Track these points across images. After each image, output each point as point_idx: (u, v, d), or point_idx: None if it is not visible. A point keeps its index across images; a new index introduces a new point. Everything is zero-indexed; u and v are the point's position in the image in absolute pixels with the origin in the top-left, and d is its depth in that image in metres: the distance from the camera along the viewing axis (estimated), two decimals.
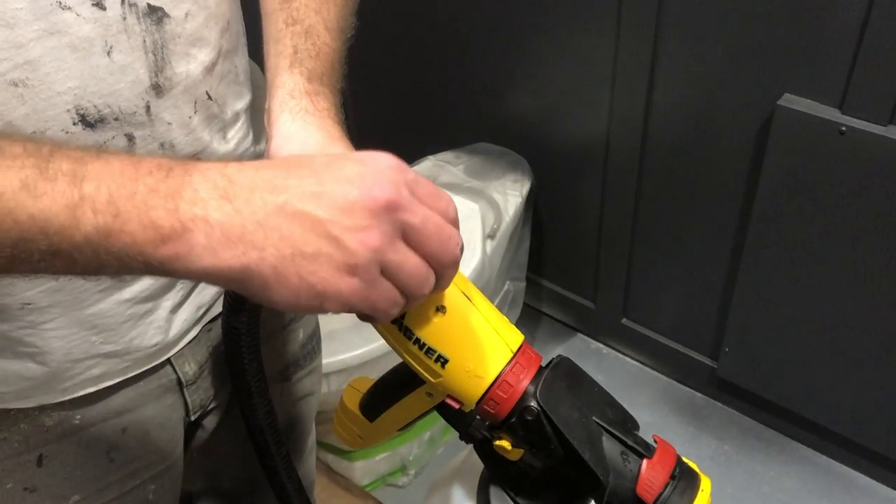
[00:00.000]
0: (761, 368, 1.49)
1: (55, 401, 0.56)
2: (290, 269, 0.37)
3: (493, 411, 0.47)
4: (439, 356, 0.45)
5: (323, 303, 0.38)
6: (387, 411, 0.54)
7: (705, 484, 0.48)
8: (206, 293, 0.62)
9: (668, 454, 0.48)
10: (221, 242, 0.36)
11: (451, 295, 0.46)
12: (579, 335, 1.81)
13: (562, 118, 1.56)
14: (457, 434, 0.52)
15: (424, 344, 0.46)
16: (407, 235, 0.39)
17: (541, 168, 1.62)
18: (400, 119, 1.88)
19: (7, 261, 0.36)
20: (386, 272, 0.39)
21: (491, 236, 1.47)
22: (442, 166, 1.63)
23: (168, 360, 0.61)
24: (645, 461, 0.47)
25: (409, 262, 0.39)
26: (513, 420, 0.47)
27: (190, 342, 0.63)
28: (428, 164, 1.64)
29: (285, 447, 0.65)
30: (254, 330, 0.56)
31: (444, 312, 0.45)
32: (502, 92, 1.62)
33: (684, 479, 0.47)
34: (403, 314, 0.46)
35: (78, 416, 0.57)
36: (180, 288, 0.59)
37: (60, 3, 0.44)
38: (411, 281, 0.40)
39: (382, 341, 1.51)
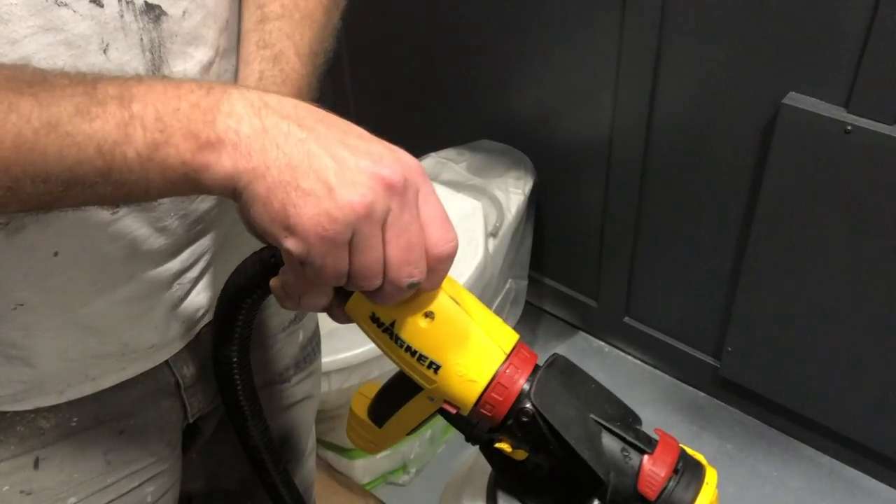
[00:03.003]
0: (764, 368, 1.48)
1: (51, 403, 0.55)
2: (278, 195, 0.38)
3: (489, 414, 0.46)
4: (431, 362, 0.45)
5: (287, 238, 0.39)
6: (393, 417, 0.53)
7: (710, 476, 0.47)
8: (203, 296, 0.61)
9: (670, 448, 0.47)
10: (242, 154, 0.39)
11: (439, 300, 0.45)
12: (581, 333, 1.80)
13: (565, 116, 1.55)
14: (458, 432, 0.52)
15: (416, 351, 0.45)
16: (385, 226, 0.40)
17: (543, 166, 1.62)
18: (402, 116, 1.87)
19: (64, 186, 0.38)
20: (352, 244, 0.39)
21: (493, 234, 1.46)
22: (444, 163, 1.62)
23: (166, 363, 0.61)
24: (646, 456, 0.46)
25: (372, 249, 0.40)
26: (510, 422, 0.46)
27: (188, 344, 0.62)
28: (430, 161, 1.63)
29: (283, 463, 0.64)
30: (245, 358, 0.55)
31: (433, 318, 0.45)
32: (505, 89, 1.61)
33: (689, 472, 0.47)
34: (393, 322, 0.45)
35: (75, 419, 0.57)
36: (177, 289, 0.58)
37: None
38: (362, 269, 0.40)
39: None
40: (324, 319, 0.86)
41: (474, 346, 0.46)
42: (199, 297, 0.61)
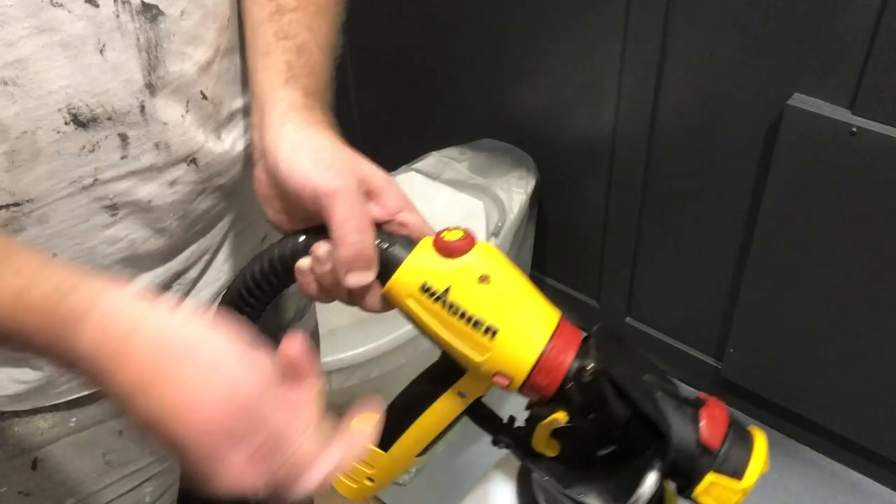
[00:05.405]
0: (766, 370, 1.48)
1: (50, 403, 0.55)
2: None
3: (545, 382, 0.44)
4: (488, 327, 0.43)
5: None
6: (408, 430, 0.50)
7: (756, 431, 0.47)
8: (204, 294, 0.61)
9: (719, 404, 0.47)
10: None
11: (494, 263, 0.44)
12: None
13: (568, 115, 1.54)
14: (458, 431, 0.50)
15: (471, 317, 0.43)
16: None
17: (546, 165, 1.61)
18: (404, 114, 1.86)
19: None
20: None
21: (495, 234, 1.46)
22: (446, 162, 1.62)
23: None
24: (703, 410, 0.46)
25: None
26: (569, 386, 0.44)
27: None
28: (432, 160, 1.63)
29: None
30: None
31: (489, 282, 0.43)
32: (507, 88, 1.60)
33: (738, 427, 0.47)
34: (447, 288, 0.44)
35: (73, 419, 0.57)
36: (177, 289, 0.58)
37: (52, 0, 0.43)
38: None
39: (384, 339, 1.49)
40: (323, 319, 0.86)
41: (530, 308, 0.45)
42: (199, 297, 0.60)
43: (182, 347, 0.36)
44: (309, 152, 0.45)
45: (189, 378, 0.36)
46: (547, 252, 1.75)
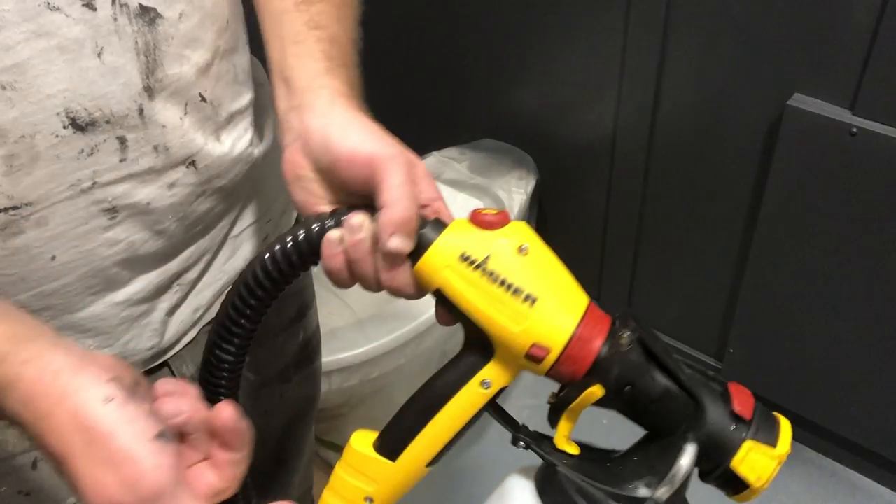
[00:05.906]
0: (766, 370, 1.48)
1: None
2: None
3: (580, 355, 0.44)
4: (528, 295, 0.44)
5: None
6: (422, 432, 0.48)
7: (779, 416, 0.48)
8: (204, 295, 0.61)
9: (739, 384, 0.48)
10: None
11: (531, 237, 0.46)
12: None
13: (568, 115, 1.54)
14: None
15: (511, 284, 0.44)
16: None
17: (546, 165, 1.61)
18: (404, 114, 1.86)
19: None
20: None
21: None
22: (446, 163, 1.62)
23: (166, 363, 0.61)
24: (730, 383, 0.47)
25: None
26: (603, 354, 0.45)
27: (188, 344, 0.62)
28: (432, 160, 1.63)
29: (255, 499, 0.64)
30: (235, 387, 0.51)
31: (527, 252, 0.45)
32: (508, 88, 1.60)
33: (761, 403, 0.47)
34: (487, 257, 0.44)
35: None
36: (177, 290, 0.58)
37: (49, 3, 0.43)
38: None
39: (384, 339, 1.48)
40: (324, 319, 0.86)
41: (565, 279, 0.46)
42: (199, 298, 0.60)
43: (93, 433, 0.38)
44: (361, 128, 0.47)
45: (99, 462, 0.37)
46: None
